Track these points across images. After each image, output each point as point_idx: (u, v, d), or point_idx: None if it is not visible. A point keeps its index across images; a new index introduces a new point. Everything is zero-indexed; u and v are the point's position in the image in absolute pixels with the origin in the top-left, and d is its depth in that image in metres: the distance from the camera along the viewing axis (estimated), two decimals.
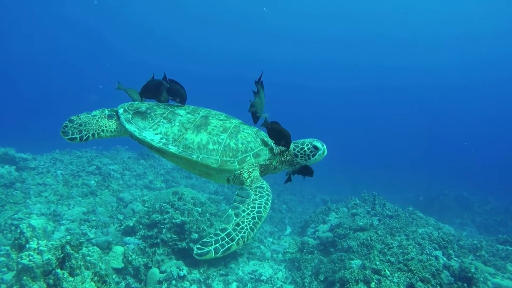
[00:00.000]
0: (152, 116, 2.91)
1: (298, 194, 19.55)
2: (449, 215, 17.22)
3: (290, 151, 2.99)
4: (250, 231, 2.33)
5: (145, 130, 2.82)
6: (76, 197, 9.15)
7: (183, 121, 2.85)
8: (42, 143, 14.67)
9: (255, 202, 2.53)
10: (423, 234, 7.90)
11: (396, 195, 19.95)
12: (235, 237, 2.26)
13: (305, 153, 2.94)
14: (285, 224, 13.64)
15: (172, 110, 2.97)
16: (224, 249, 2.18)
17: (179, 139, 2.73)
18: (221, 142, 2.74)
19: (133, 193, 10.65)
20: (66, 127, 2.89)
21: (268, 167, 2.99)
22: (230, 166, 2.70)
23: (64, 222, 7.66)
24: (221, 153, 2.70)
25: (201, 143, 2.71)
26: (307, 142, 2.95)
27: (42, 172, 10.16)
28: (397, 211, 9.87)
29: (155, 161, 14.37)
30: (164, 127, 2.82)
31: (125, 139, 12.13)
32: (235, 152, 2.74)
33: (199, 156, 2.66)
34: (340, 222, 8.59)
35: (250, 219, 2.39)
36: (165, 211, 7.12)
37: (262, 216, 2.45)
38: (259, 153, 2.84)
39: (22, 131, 25.78)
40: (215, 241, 2.22)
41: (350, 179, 25.39)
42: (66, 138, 2.86)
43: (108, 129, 3.02)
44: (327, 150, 2.97)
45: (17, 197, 8.19)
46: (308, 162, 2.97)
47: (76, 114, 3.01)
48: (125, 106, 3.05)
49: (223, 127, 2.85)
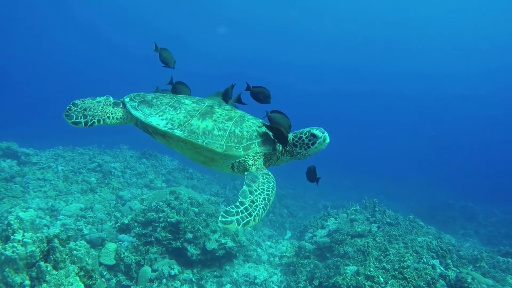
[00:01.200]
0: (158, 104, 2.96)
1: (300, 200, 19.46)
2: (452, 225, 16.97)
3: (289, 141, 2.91)
4: (263, 211, 2.40)
5: (151, 116, 2.85)
6: (75, 193, 9.17)
7: (188, 109, 2.89)
8: (46, 138, 14.83)
9: (264, 185, 2.57)
10: (422, 242, 7.76)
11: (401, 203, 19.74)
12: (252, 213, 2.32)
13: (303, 142, 2.84)
14: (286, 228, 13.55)
15: (178, 100, 3.03)
16: (244, 222, 2.24)
17: (185, 125, 2.75)
18: (226, 129, 2.76)
19: (133, 191, 10.65)
20: (69, 110, 2.91)
21: (271, 158, 3.00)
22: (235, 152, 2.70)
23: (61, 218, 7.67)
24: (226, 139, 2.71)
25: (206, 129, 2.73)
26: (305, 131, 2.85)
27: (43, 167, 10.21)
28: (398, 219, 9.73)
29: (157, 161, 14.39)
30: (169, 113, 2.85)
31: (129, 137, 12.08)
32: (240, 139, 2.75)
33: (205, 140, 2.68)
34: (338, 228, 8.50)
35: (261, 199, 2.45)
36: (161, 210, 7.10)
37: (270, 199, 2.52)
38: (264, 142, 2.84)
39: (27, 126, 26.05)
40: (236, 212, 2.27)
41: (355, 186, 25.19)
42: (70, 122, 2.86)
43: (114, 116, 3.08)
44: (328, 138, 2.82)
45: (16, 191, 8.23)
46: (309, 151, 2.87)
47: (80, 98, 3.04)
48: (131, 95, 3.12)
49: (228, 115, 2.88)
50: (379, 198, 13.47)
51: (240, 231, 8.40)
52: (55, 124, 24.85)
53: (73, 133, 20.06)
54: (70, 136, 13.39)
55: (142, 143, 17.25)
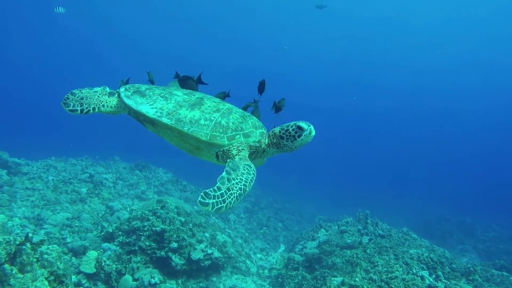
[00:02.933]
0: (150, 95, 3.13)
1: (297, 214, 19.25)
2: (450, 241, 16.75)
3: (276, 134, 3.02)
4: (235, 200, 2.48)
5: (142, 105, 3.00)
6: (64, 203, 9.07)
7: (178, 100, 3.04)
8: (39, 150, 14.78)
9: (243, 175, 2.64)
10: (413, 254, 7.61)
11: (399, 218, 19.44)
12: (226, 199, 2.41)
13: (290, 134, 2.93)
14: (279, 242, 13.38)
15: (170, 91, 3.19)
16: (217, 207, 2.33)
17: (173, 114, 2.89)
18: (213, 119, 2.88)
19: (123, 202, 10.53)
20: (67, 99, 3.07)
21: (257, 150, 3.08)
22: (219, 141, 2.81)
23: (46, 227, 7.55)
24: (211, 128, 2.83)
25: (193, 119, 2.85)
26: (292, 124, 2.95)
27: (33, 177, 10.13)
28: (390, 231, 9.56)
29: (151, 173, 14.31)
30: (160, 103, 3.00)
31: (123, 149, 12.12)
32: (225, 129, 2.86)
33: (190, 129, 2.79)
34: (328, 239, 8.36)
35: (237, 189, 2.53)
36: (146, 219, 7.00)
37: (246, 190, 2.59)
38: (249, 134, 2.93)
39: (20, 136, 26.01)
40: (213, 196, 2.37)
41: (353, 200, 24.97)
42: (67, 109, 3.02)
43: (109, 104, 3.24)
44: (314, 131, 2.92)
45: (2, 200, 8.15)
46: (295, 143, 2.96)
47: (78, 88, 3.20)
48: (126, 86, 3.29)
49: (216, 107, 3.02)
50: (377, 212, 13.29)
51: (228, 242, 8.28)
52: (47, 134, 24.81)
53: (66, 144, 20.15)
54: (64, 146, 13.39)
55: (136, 155, 17.28)
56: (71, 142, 21.99)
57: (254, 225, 13.87)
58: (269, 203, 18.09)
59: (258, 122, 3.13)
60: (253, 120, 3.10)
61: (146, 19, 47.16)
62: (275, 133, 3.04)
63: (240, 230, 11.85)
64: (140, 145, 25.50)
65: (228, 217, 12.74)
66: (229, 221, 12.45)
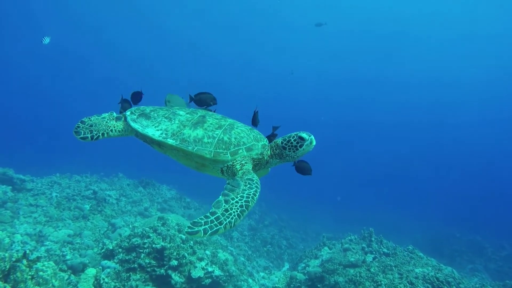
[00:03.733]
0: (155, 116, 3.28)
1: (301, 231, 19.05)
2: (460, 260, 16.33)
3: (279, 145, 3.14)
4: (237, 218, 2.49)
5: (148, 127, 3.15)
6: (66, 220, 9.08)
7: (182, 120, 3.19)
8: (44, 166, 14.92)
9: (244, 192, 2.70)
10: (418, 273, 7.43)
11: (406, 236, 19.12)
12: (223, 221, 2.41)
13: (292, 145, 3.05)
14: (284, 260, 13.19)
15: (173, 112, 3.33)
16: (212, 231, 2.33)
17: (177, 134, 3.03)
18: (215, 136, 3.00)
19: (126, 219, 10.51)
20: (78, 127, 3.27)
21: (260, 161, 3.20)
22: (223, 157, 2.93)
23: (47, 244, 7.54)
24: (215, 146, 2.95)
25: (197, 137, 2.98)
26: (293, 135, 3.08)
27: (37, 193, 10.20)
28: (395, 249, 9.37)
29: (154, 190, 14.32)
30: (164, 124, 3.15)
31: (127, 166, 12.24)
32: (228, 145, 2.98)
33: (195, 147, 2.92)
34: (331, 257, 8.22)
35: (238, 206, 2.56)
36: (146, 236, 6.95)
37: (249, 205, 2.61)
38: (251, 147, 3.06)
39: (26, 153, 26.24)
40: (204, 222, 2.37)
41: (360, 219, 24.61)
42: (78, 137, 3.21)
43: (116, 129, 3.42)
44: (315, 140, 3.06)
45: (5, 216, 8.18)
46: (297, 153, 3.08)
47: (87, 116, 3.41)
48: (132, 109, 3.45)
49: (218, 124, 3.14)
50: (384, 230, 13.04)
51: (230, 260, 8.16)
52: (53, 151, 25.00)
53: (72, 160, 20.31)
54: (69, 163, 13.48)
55: (141, 172, 17.34)
56: (77, 158, 22.24)
57: (258, 243, 13.71)
58: (274, 221, 17.92)
59: (259, 135, 3.25)
60: (255, 133, 3.22)
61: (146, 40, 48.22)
62: (277, 144, 3.16)
63: (243, 248, 11.71)
64: (145, 162, 25.56)
65: (231, 234, 12.61)
66: (232, 239, 12.33)
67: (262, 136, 3.30)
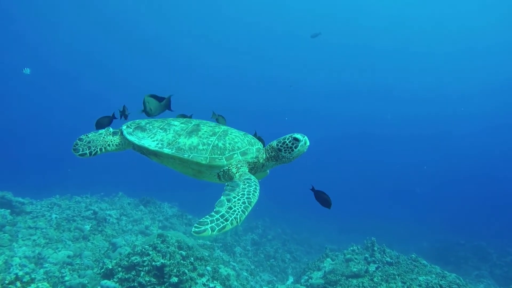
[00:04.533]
0: (150, 128, 3.38)
1: (306, 245, 18.89)
2: (465, 266, 16.15)
3: (274, 147, 3.22)
4: (242, 213, 2.54)
5: (144, 139, 3.25)
6: (66, 241, 9.02)
7: (177, 129, 3.28)
8: (44, 188, 14.89)
9: (244, 190, 2.76)
10: (422, 281, 7.34)
11: (411, 246, 18.96)
12: (228, 218, 2.46)
13: (287, 146, 3.14)
14: (288, 274, 13.05)
15: (168, 122, 3.44)
16: (219, 228, 2.37)
17: (173, 143, 3.12)
18: (210, 143, 3.09)
19: (127, 238, 10.46)
20: (76, 144, 3.38)
21: (256, 165, 3.28)
22: (218, 162, 3.01)
23: (46, 266, 7.50)
24: (209, 152, 3.03)
25: (192, 145, 3.08)
26: (288, 136, 3.18)
27: (36, 216, 10.16)
28: (398, 258, 9.28)
29: (155, 208, 14.27)
30: (160, 135, 3.24)
31: (128, 185, 12.25)
32: (222, 150, 3.07)
33: (190, 155, 3.01)
34: (333, 269, 8.14)
35: (241, 203, 2.62)
36: (146, 253, 6.90)
37: (251, 201, 2.68)
38: (246, 151, 3.15)
39: (25, 177, 26.16)
40: (210, 221, 2.42)
41: (364, 229, 24.39)
42: (77, 154, 3.31)
43: (113, 143, 3.53)
44: (309, 141, 3.15)
45: (3, 240, 8.14)
46: (293, 154, 3.16)
47: (85, 134, 3.52)
48: (128, 123, 3.56)
49: (212, 131, 3.24)
50: (387, 240, 12.94)
51: (232, 275, 8.09)
52: (52, 173, 24.90)
53: (71, 182, 20.26)
54: (68, 184, 13.46)
55: (142, 191, 17.29)
56: (77, 178, 22.21)
57: (261, 257, 13.58)
58: (277, 234, 17.77)
59: (253, 139, 3.36)
60: (249, 138, 3.32)
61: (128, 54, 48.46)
62: (272, 147, 3.24)
63: (245, 262, 11.61)
64: (146, 181, 25.55)
65: (234, 250, 12.51)
66: (234, 254, 12.22)
67: (256, 140, 3.39)
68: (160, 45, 48.36)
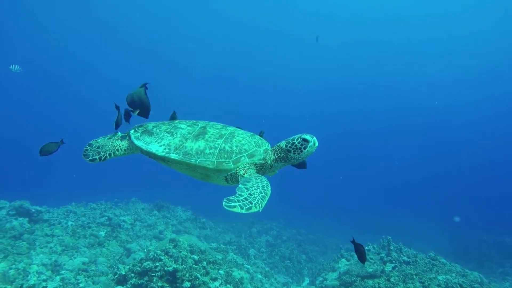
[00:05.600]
0: (157, 132, 3.38)
1: (321, 245, 18.63)
2: (489, 264, 15.65)
3: (283, 148, 3.22)
4: (261, 200, 2.63)
5: (151, 144, 3.25)
6: (82, 248, 9.13)
7: (183, 133, 3.27)
8: (60, 196, 15.13)
9: (257, 183, 2.82)
10: (441, 281, 7.13)
11: (430, 244, 18.51)
12: (252, 201, 2.56)
13: (296, 147, 3.13)
14: (303, 275, 12.90)
15: (174, 126, 3.44)
16: (246, 208, 2.48)
17: (180, 148, 3.11)
18: (217, 146, 3.09)
19: (141, 243, 10.53)
20: (86, 150, 3.42)
21: (264, 166, 3.28)
22: (226, 166, 3.01)
23: (63, 272, 7.59)
24: (217, 156, 3.03)
25: (199, 149, 3.07)
26: (297, 137, 3.17)
27: (53, 223, 10.31)
28: (416, 257, 9.04)
29: (169, 212, 14.35)
30: (167, 139, 3.24)
31: (142, 190, 12.30)
32: (229, 154, 3.06)
33: (197, 160, 3.01)
34: (348, 269, 7.98)
35: (258, 192, 2.69)
36: (158, 259, 6.91)
37: (267, 193, 2.75)
38: (253, 153, 3.14)
39: (42, 185, 26.58)
40: (237, 200, 2.53)
41: (382, 228, 23.98)
42: (87, 160, 3.34)
43: (122, 148, 3.54)
44: (317, 141, 3.15)
45: (21, 248, 8.28)
46: (302, 155, 3.16)
47: (94, 139, 3.57)
48: (135, 127, 3.58)
49: (219, 134, 3.23)
50: (405, 238, 12.64)
51: (245, 278, 8.03)
52: (68, 181, 25.19)
53: (86, 189, 20.56)
54: (83, 192, 13.62)
55: (155, 196, 17.40)
56: (91, 186, 22.50)
57: (276, 259, 13.47)
58: (292, 235, 17.63)
59: (261, 140, 3.33)
60: (256, 139, 3.30)
61: None
62: (281, 148, 3.24)
63: (260, 265, 11.52)
64: (159, 186, 25.69)
65: (248, 252, 12.46)
66: (249, 257, 12.17)
67: (264, 141, 3.37)
68: (156, 47, 47.74)
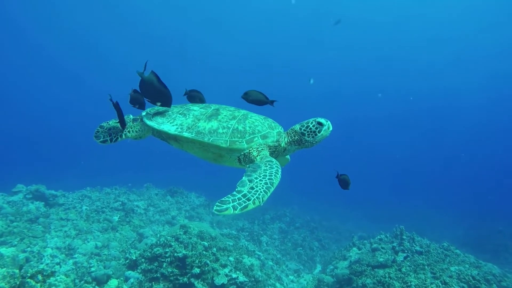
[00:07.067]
0: (169, 114, 3.38)
1: (335, 232, 18.57)
2: (505, 254, 15.36)
3: (297, 131, 3.20)
4: (264, 194, 2.54)
5: (163, 124, 3.25)
6: (95, 232, 9.31)
7: (196, 114, 3.27)
8: (75, 181, 15.42)
9: (266, 171, 2.74)
10: (453, 272, 6.99)
11: (446, 233, 18.22)
12: (251, 197, 2.46)
13: (311, 130, 3.12)
14: (316, 262, 12.90)
15: (187, 108, 3.43)
16: (241, 207, 2.36)
17: (192, 127, 3.10)
18: (230, 127, 3.07)
19: (154, 228, 10.67)
20: (97, 132, 3.43)
21: (277, 149, 3.26)
22: (239, 145, 3.00)
23: (76, 256, 7.74)
24: (230, 135, 3.02)
25: (212, 129, 3.06)
26: (312, 120, 3.15)
27: (68, 208, 10.52)
28: (429, 247, 8.89)
29: (183, 198, 14.46)
30: (179, 120, 3.23)
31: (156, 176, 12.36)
32: (243, 133, 3.05)
33: (210, 138, 3.00)
34: (359, 258, 7.91)
35: (263, 184, 2.61)
36: (168, 245, 6.97)
37: (273, 182, 2.66)
38: (266, 135, 3.13)
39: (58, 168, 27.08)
40: (232, 200, 2.41)
41: (396, 216, 23.72)
42: (99, 141, 3.37)
43: (133, 129, 3.53)
44: (332, 125, 3.15)
45: (37, 231, 8.48)
46: (316, 138, 3.14)
47: (106, 121, 3.54)
48: (148, 110, 3.53)
49: (232, 115, 3.21)
50: (419, 228, 12.45)
51: (256, 265, 8.04)
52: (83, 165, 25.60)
53: (101, 173, 20.91)
54: (99, 176, 13.80)
55: (169, 181, 17.57)
56: (104, 171, 22.81)
57: (288, 246, 13.49)
58: (306, 222, 17.58)
59: (274, 123, 3.31)
60: (269, 122, 3.29)
61: None
62: (295, 131, 3.22)
63: (271, 252, 11.54)
64: (173, 171, 25.94)
65: (260, 239, 12.49)
66: (261, 243, 12.20)
67: (277, 124, 3.35)
68: (168, 37, 47.36)
